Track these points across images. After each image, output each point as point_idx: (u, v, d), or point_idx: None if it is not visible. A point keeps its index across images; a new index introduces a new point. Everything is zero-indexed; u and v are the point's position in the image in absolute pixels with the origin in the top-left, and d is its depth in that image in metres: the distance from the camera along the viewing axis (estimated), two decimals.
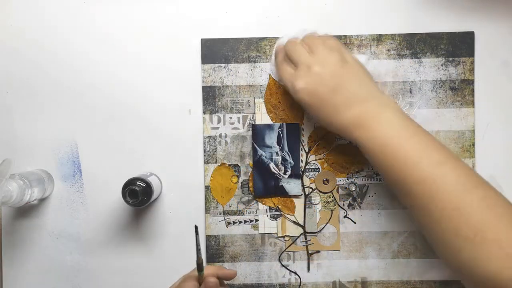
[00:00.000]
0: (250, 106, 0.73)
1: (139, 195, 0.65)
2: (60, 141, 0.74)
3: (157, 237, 0.74)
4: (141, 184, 0.66)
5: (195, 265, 0.59)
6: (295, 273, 0.74)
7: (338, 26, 0.73)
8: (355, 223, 0.73)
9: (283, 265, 0.74)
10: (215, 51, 0.73)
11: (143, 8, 0.74)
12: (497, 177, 0.73)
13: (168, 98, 0.74)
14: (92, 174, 0.74)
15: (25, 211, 0.74)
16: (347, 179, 0.73)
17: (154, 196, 0.69)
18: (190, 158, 0.74)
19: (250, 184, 0.73)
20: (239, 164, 0.73)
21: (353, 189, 0.73)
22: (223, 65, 0.73)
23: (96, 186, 0.74)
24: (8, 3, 0.74)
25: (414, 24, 0.73)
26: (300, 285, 0.74)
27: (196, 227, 0.59)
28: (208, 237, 0.73)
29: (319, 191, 0.73)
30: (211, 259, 0.73)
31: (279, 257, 0.74)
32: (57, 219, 0.74)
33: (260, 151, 0.73)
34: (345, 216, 0.73)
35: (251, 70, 0.73)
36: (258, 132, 0.73)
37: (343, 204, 0.73)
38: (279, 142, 0.73)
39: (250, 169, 0.73)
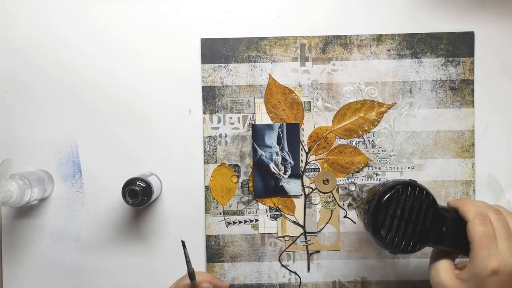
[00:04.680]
0: (250, 106, 0.73)
1: (139, 195, 0.65)
2: (60, 141, 0.74)
3: (157, 237, 0.74)
4: (141, 184, 0.66)
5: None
6: (295, 273, 0.74)
7: (338, 26, 0.73)
8: (355, 223, 0.73)
9: (283, 265, 0.74)
10: (215, 51, 0.73)
11: (143, 8, 0.74)
12: (497, 177, 0.73)
13: (168, 98, 0.74)
14: (92, 174, 0.74)
15: (25, 211, 0.74)
16: (347, 179, 0.73)
17: (154, 196, 0.69)
18: (190, 158, 0.74)
19: (250, 184, 0.73)
20: (239, 164, 0.73)
21: (353, 189, 0.73)
22: (223, 65, 0.73)
23: (96, 186, 0.74)
24: (8, 3, 0.74)
25: (414, 24, 0.73)
26: (300, 285, 0.74)
27: (183, 242, 0.59)
28: (208, 237, 0.73)
29: (319, 191, 0.73)
30: (211, 259, 0.73)
31: (279, 257, 0.74)
32: (57, 219, 0.74)
33: (260, 151, 0.73)
34: (345, 216, 0.73)
35: (251, 70, 0.73)
36: (258, 132, 0.73)
37: (343, 204, 0.73)
38: (279, 142, 0.73)
39: (250, 169, 0.73)
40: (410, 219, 0.57)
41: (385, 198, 0.57)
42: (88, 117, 0.74)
